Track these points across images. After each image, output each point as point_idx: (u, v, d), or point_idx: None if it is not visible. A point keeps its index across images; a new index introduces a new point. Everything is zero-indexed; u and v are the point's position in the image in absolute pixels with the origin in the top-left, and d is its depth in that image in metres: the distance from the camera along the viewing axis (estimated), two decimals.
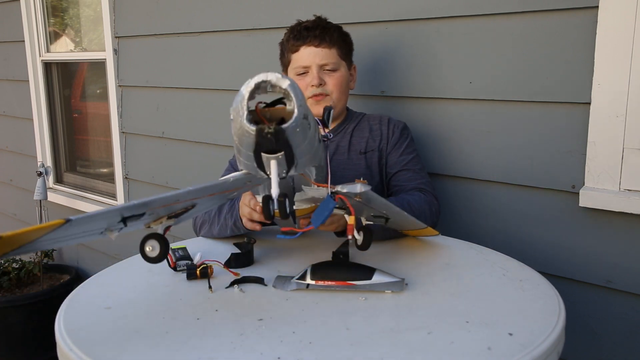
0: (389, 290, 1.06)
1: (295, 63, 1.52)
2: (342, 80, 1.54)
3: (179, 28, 2.44)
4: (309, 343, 0.87)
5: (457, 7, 1.63)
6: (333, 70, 1.52)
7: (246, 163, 0.93)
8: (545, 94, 1.53)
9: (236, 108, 0.86)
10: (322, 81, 1.50)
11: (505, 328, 0.91)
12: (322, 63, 1.50)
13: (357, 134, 1.58)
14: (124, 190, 2.86)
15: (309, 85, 1.49)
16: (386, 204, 1.12)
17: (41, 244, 0.88)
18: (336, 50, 1.53)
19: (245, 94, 0.85)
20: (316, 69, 1.50)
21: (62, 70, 3.36)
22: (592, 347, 1.55)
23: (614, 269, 1.48)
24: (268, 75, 0.85)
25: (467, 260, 1.25)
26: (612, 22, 1.39)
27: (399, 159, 1.54)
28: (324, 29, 1.52)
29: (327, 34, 1.51)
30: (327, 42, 1.51)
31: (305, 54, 1.50)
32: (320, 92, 1.50)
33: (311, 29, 1.51)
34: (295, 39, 1.52)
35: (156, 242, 0.96)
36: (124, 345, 0.88)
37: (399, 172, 1.53)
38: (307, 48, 1.50)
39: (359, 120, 1.61)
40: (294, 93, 0.85)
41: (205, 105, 2.42)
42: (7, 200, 3.83)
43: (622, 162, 1.42)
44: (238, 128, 0.87)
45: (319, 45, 1.50)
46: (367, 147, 1.55)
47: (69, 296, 1.09)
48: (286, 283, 1.09)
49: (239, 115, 0.85)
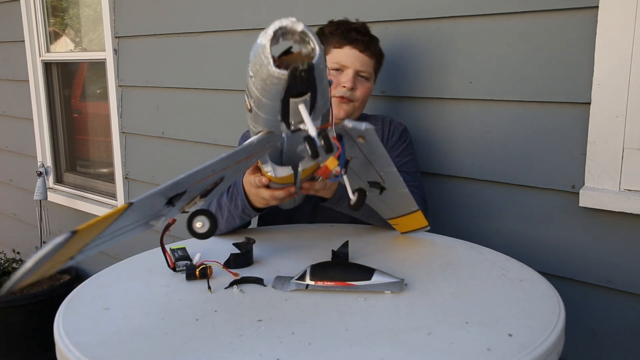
0: (389, 291, 1.05)
1: (334, 59, 1.51)
2: (368, 92, 1.56)
3: (179, 28, 2.44)
4: (309, 344, 0.87)
5: (457, 7, 1.63)
6: (366, 79, 1.53)
7: (267, 119, 0.93)
8: (545, 94, 1.52)
9: (258, 60, 0.86)
10: (355, 86, 1.51)
11: (505, 328, 0.90)
12: (360, 69, 1.51)
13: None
14: (124, 190, 2.86)
15: (341, 85, 1.49)
16: (387, 158, 1.12)
17: (104, 238, 0.87)
18: (373, 63, 1.55)
19: (265, 42, 0.85)
20: (353, 72, 1.50)
21: (62, 70, 3.36)
22: (592, 347, 1.54)
23: (614, 269, 1.48)
24: (282, 21, 0.86)
25: (467, 260, 1.25)
26: (612, 22, 1.39)
27: (395, 160, 1.54)
28: (372, 38, 1.54)
29: (372, 44, 1.53)
30: (371, 51, 1.53)
31: (348, 54, 1.51)
32: (349, 96, 1.50)
33: (361, 33, 1.52)
34: (342, 36, 1.51)
35: (205, 217, 0.96)
36: (123, 345, 0.88)
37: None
38: (351, 49, 1.50)
39: (364, 120, 1.61)
40: (311, 33, 0.86)
41: (205, 105, 2.42)
42: (7, 200, 3.83)
43: (622, 162, 1.42)
44: (265, 78, 0.86)
45: (363, 51, 1.51)
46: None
47: (68, 296, 1.09)
48: (285, 283, 1.09)
49: (264, 65, 0.85)
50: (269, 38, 0.85)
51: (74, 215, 3.24)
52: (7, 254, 3.32)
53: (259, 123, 0.97)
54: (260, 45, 0.86)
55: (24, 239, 3.59)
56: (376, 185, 1.19)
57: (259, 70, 0.86)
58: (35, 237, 3.24)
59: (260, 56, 0.86)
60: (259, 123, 0.97)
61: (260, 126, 0.97)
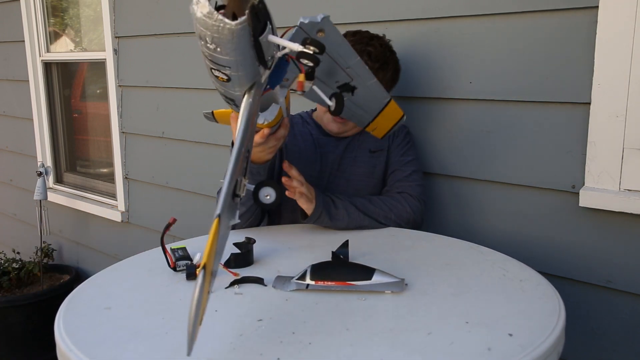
0: (389, 291, 1.06)
1: None
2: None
3: (179, 28, 2.44)
4: (309, 343, 0.87)
5: (457, 7, 1.63)
6: None
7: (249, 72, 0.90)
8: (545, 94, 1.52)
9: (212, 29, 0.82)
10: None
11: (505, 328, 0.90)
12: None
13: (367, 134, 1.59)
14: (124, 190, 2.86)
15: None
16: (348, 47, 1.11)
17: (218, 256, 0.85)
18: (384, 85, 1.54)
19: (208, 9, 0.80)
20: None
21: (62, 70, 3.36)
22: (592, 347, 1.54)
23: (614, 269, 1.48)
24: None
25: (467, 260, 1.25)
26: (612, 22, 1.39)
27: (398, 159, 1.59)
28: (383, 64, 1.51)
29: (382, 71, 1.50)
30: (379, 77, 1.47)
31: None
32: (341, 119, 1.51)
33: (372, 59, 1.48)
34: None
35: (271, 189, 0.98)
36: (124, 345, 0.88)
37: (394, 171, 1.58)
38: None
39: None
40: None
41: (205, 105, 2.41)
42: (7, 200, 3.83)
43: (622, 162, 1.42)
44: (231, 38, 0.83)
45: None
46: (376, 147, 1.59)
47: (68, 296, 1.09)
48: (286, 283, 1.09)
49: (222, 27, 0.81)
50: (207, 3, 0.80)
51: (74, 215, 3.25)
52: (7, 254, 3.32)
53: (242, 83, 0.94)
54: (205, 14, 0.81)
55: (24, 239, 3.59)
56: (346, 87, 1.18)
57: (220, 36, 0.83)
58: (35, 237, 3.24)
59: (211, 24, 0.81)
60: (243, 82, 0.94)
61: (246, 84, 0.94)
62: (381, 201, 1.50)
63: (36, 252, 3.20)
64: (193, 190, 2.51)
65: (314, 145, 1.59)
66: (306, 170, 1.53)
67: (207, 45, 0.86)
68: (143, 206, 2.82)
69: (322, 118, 1.59)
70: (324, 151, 1.59)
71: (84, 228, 3.22)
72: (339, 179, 1.58)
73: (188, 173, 2.54)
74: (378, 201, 1.49)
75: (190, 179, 2.52)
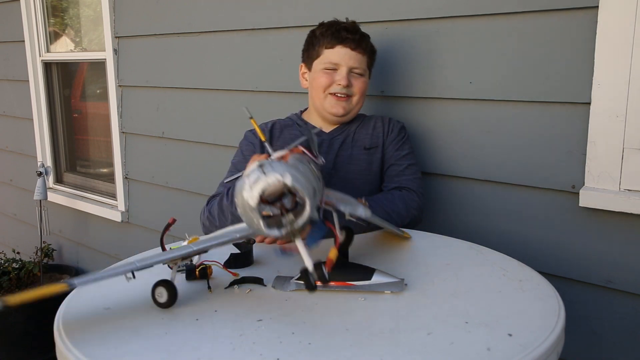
0: (389, 291, 1.05)
1: (327, 59, 1.57)
2: (365, 86, 1.61)
3: (179, 28, 2.44)
4: (309, 344, 0.87)
5: (457, 7, 1.63)
6: (360, 75, 1.58)
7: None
8: (545, 94, 1.52)
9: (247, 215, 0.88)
10: (350, 83, 1.56)
11: (505, 328, 0.90)
12: (353, 66, 1.56)
13: (361, 132, 1.63)
14: (124, 190, 2.86)
15: (336, 83, 1.55)
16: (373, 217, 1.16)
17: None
18: (366, 59, 1.60)
19: (252, 204, 0.85)
20: (346, 70, 1.56)
21: (62, 70, 3.36)
22: (592, 347, 1.54)
23: (614, 269, 1.48)
24: (268, 179, 0.84)
25: (467, 260, 1.25)
26: (612, 22, 1.39)
27: (394, 154, 1.60)
28: (362, 35, 1.59)
29: (363, 41, 1.58)
30: (363, 48, 1.57)
31: (340, 54, 1.55)
32: (346, 92, 1.56)
33: (351, 32, 1.56)
34: (333, 36, 1.56)
35: (164, 289, 1.00)
36: (123, 345, 0.88)
37: (392, 166, 1.59)
38: (343, 48, 1.55)
39: (361, 120, 1.66)
40: (300, 186, 0.85)
41: (205, 105, 2.42)
42: (7, 200, 3.83)
43: (622, 162, 1.41)
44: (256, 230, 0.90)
45: (354, 49, 1.55)
46: (371, 143, 1.60)
47: (68, 296, 1.09)
48: (285, 283, 1.09)
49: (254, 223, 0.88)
50: (256, 200, 0.85)
51: (74, 215, 3.25)
52: (7, 254, 3.32)
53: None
54: (249, 206, 0.86)
55: (24, 239, 3.59)
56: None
57: (248, 221, 0.89)
58: (35, 237, 3.24)
59: (249, 214, 0.87)
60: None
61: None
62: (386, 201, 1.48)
63: (36, 252, 3.19)
64: (193, 190, 2.51)
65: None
66: None
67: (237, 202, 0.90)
68: (143, 206, 2.82)
69: (324, 104, 1.59)
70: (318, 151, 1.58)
71: (84, 228, 3.21)
72: (335, 178, 1.58)
73: (188, 173, 2.54)
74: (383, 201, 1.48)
75: (190, 179, 2.52)
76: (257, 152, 1.58)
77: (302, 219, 0.87)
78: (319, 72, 1.58)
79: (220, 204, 1.41)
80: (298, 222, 0.87)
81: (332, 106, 1.58)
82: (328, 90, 1.57)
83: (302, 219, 0.87)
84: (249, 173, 0.87)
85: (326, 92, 1.57)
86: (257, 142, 1.59)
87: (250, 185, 0.85)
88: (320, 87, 1.58)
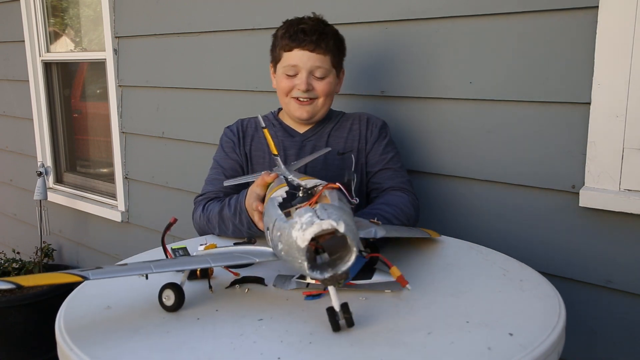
0: (389, 290, 1.06)
1: (286, 62, 1.51)
2: (330, 87, 1.53)
3: (179, 28, 2.44)
4: (309, 343, 0.87)
5: (457, 7, 1.63)
6: (322, 77, 1.51)
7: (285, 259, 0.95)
8: (545, 94, 1.53)
9: (292, 252, 0.88)
10: (310, 86, 1.49)
11: (505, 328, 0.91)
12: (313, 69, 1.49)
13: (335, 134, 1.58)
14: (124, 190, 2.86)
15: (296, 87, 1.50)
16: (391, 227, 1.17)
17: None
18: (329, 58, 1.51)
19: (301, 245, 0.86)
20: (306, 74, 1.49)
21: (62, 70, 3.36)
22: (592, 347, 1.54)
23: (614, 269, 1.48)
24: (323, 225, 0.86)
25: (467, 260, 1.25)
26: (612, 22, 1.39)
27: (379, 157, 1.56)
28: (321, 34, 1.49)
29: (323, 41, 1.49)
30: (322, 48, 1.49)
31: (298, 57, 1.48)
32: (307, 96, 1.51)
33: (308, 33, 1.48)
34: (290, 39, 1.49)
35: (171, 291, 1.00)
36: (124, 345, 0.88)
37: (380, 170, 1.55)
38: (300, 51, 1.48)
39: (338, 120, 1.61)
40: (352, 235, 0.87)
41: (205, 105, 2.42)
42: (7, 200, 3.83)
43: (622, 162, 1.42)
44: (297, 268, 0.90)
45: (313, 51, 1.48)
46: (345, 148, 1.56)
47: (69, 296, 1.09)
48: (286, 282, 1.09)
49: (298, 262, 0.88)
50: (306, 243, 0.86)
51: (74, 215, 3.25)
52: (7, 254, 3.32)
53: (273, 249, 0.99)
54: (297, 247, 0.87)
55: (24, 239, 3.59)
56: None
57: (290, 258, 0.90)
58: (35, 237, 3.24)
59: (295, 253, 0.88)
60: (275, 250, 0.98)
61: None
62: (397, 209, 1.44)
63: (36, 252, 3.19)
64: (193, 190, 2.51)
65: (278, 149, 1.51)
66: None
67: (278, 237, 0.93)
68: (143, 206, 2.82)
69: (288, 108, 1.54)
70: (288, 154, 1.55)
71: (84, 228, 3.22)
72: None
73: (188, 173, 2.54)
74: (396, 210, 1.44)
75: (190, 179, 2.52)
76: (236, 149, 1.57)
77: (347, 264, 0.88)
78: (280, 76, 1.53)
79: (221, 214, 1.39)
80: (342, 267, 0.87)
81: (295, 110, 1.53)
82: (290, 95, 1.52)
83: (346, 265, 0.88)
84: (302, 213, 0.88)
85: (289, 96, 1.52)
86: (235, 139, 1.58)
87: (302, 227, 0.86)
88: (282, 92, 1.53)
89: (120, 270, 0.98)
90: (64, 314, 1.01)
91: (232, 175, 1.52)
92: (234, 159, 1.57)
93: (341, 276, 0.87)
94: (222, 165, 1.57)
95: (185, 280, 1.04)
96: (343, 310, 0.90)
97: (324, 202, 0.97)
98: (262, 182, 1.24)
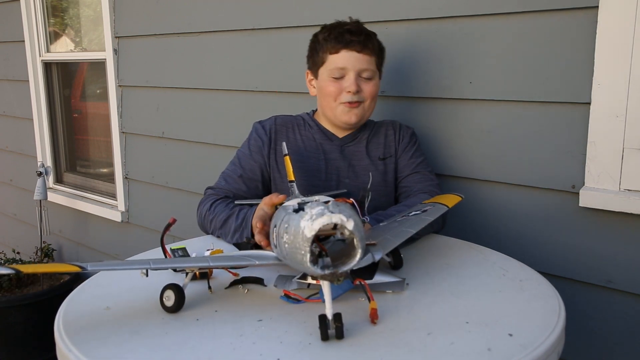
0: (390, 290, 1.06)
1: (332, 65, 1.47)
2: (376, 89, 1.51)
3: (179, 28, 2.44)
4: (309, 344, 0.87)
5: (457, 7, 1.63)
6: (369, 78, 1.48)
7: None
8: (545, 94, 1.52)
9: (297, 243, 0.87)
10: (359, 88, 1.46)
11: (505, 328, 0.91)
12: (361, 69, 1.46)
13: (373, 140, 1.57)
14: (124, 190, 2.86)
15: (346, 90, 1.46)
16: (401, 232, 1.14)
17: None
18: (375, 59, 1.49)
19: (308, 235, 0.85)
20: (354, 75, 1.45)
21: (62, 70, 3.36)
22: (592, 347, 1.54)
23: (614, 269, 1.48)
24: (333, 217, 0.85)
25: (467, 260, 1.25)
26: (612, 22, 1.39)
27: (409, 161, 1.56)
28: (368, 35, 1.48)
29: (369, 42, 1.47)
30: (370, 49, 1.47)
31: (346, 58, 1.45)
32: (357, 99, 1.47)
33: (355, 34, 1.46)
34: (336, 40, 1.46)
35: (172, 292, 1.00)
36: (124, 345, 0.88)
37: (409, 175, 1.54)
38: (348, 52, 1.45)
39: (373, 127, 1.60)
40: (359, 234, 0.87)
41: (205, 105, 2.42)
42: (7, 200, 3.82)
43: (622, 162, 1.42)
44: (299, 262, 0.89)
45: (361, 51, 1.45)
46: (385, 153, 1.56)
47: (68, 296, 1.09)
48: (287, 282, 1.09)
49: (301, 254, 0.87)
50: (313, 233, 0.85)
51: (74, 215, 3.25)
52: (7, 254, 3.32)
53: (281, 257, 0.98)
54: (303, 236, 0.86)
55: (24, 239, 3.59)
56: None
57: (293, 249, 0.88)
58: (35, 237, 3.24)
59: (300, 243, 0.87)
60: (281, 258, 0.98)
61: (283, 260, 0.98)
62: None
63: (36, 252, 3.19)
64: (193, 190, 2.51)
65: (317, 151, 1.54)
66: (310, 180, 1.51)
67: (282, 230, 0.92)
68: (143, 206, 2.82)
69: (335, 113, 1.50)
70: (329, 158, 1.54)
71: (84, 228, 3.21)
72: (349, 187, 1.51)
73: (188, 173, 2.54)
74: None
75: (190, 179, 2.52)
76: (264, 151, 1.53)
77: (349, 264, 0.87)
78: (326, 81, 1.48)
79: (226, 222, 1.38)
80: (344, 267, 0.87)
81: (344, 114, 1.48)
82: (339, 100, 1.47)
83: (348, 265, 0.87)
84: (314, 206, 0.87)
85: (337, 101, 1.48)
86: (266, 138, 1.53)
87: (312, 217, 0.85)
88: (329, 97, 1.48)
89: (118, 264, 0.99)
90: (64, 314, 1.01)
91: (250, 178, 1.51)
92: (257, 161, 1.53)
93: (341, 274, 0.87)
94: (242, 166, 1.53)
95: (188, 283, 1.04)
96: (335, 319, 0.88)
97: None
98: (270, 201, 1.23)
